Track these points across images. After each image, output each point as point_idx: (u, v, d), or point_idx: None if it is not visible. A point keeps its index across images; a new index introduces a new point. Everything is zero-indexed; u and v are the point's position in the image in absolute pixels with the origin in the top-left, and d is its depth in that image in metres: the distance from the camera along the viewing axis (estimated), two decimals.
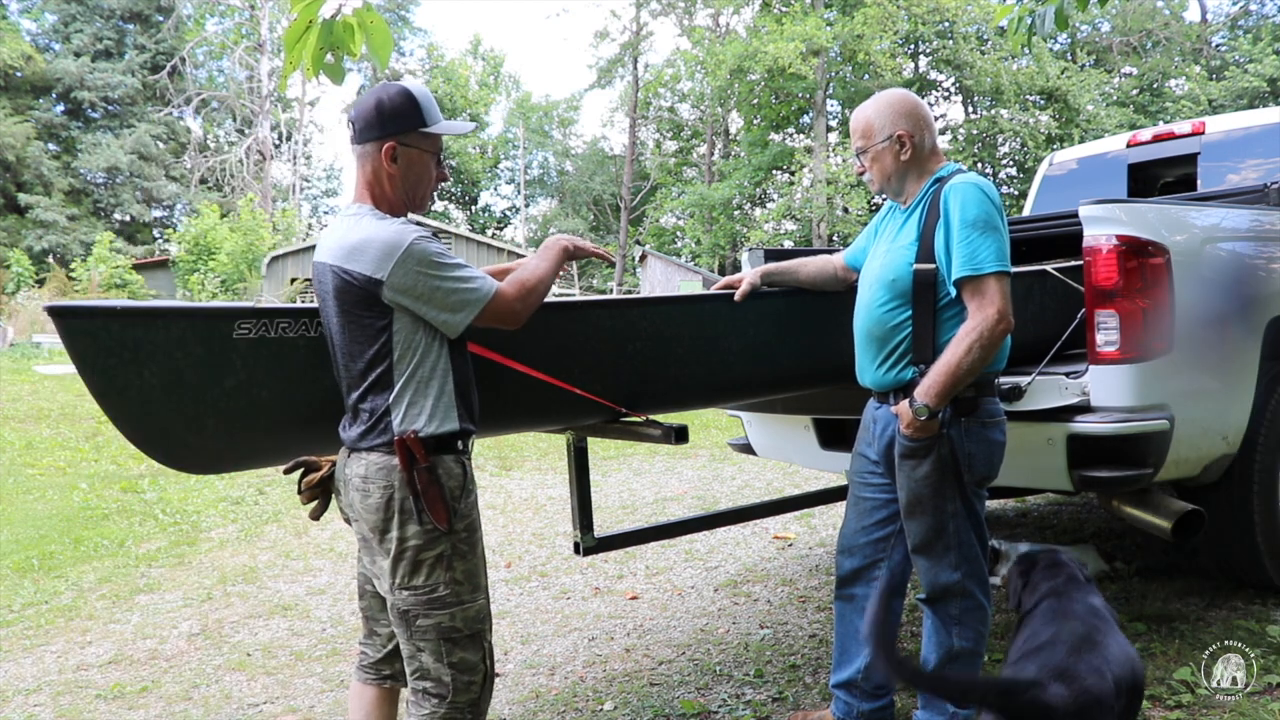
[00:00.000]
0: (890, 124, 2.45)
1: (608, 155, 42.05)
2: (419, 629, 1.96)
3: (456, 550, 1.97)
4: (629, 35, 33.98)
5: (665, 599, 4.23)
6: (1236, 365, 3.30)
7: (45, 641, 3.95)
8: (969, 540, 2.39)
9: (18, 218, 33.77)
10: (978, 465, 2.36)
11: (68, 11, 36.56)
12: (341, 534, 5.72)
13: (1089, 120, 26.17)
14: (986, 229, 2.27)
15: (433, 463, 1.92)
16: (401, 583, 1.94)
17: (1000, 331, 2.26)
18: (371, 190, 2.01)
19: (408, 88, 2.01)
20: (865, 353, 2.50)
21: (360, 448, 1.95)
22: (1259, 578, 3.51)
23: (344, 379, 1.99)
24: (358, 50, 2.54)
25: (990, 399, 2.39)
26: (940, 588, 2.42)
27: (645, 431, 2.70)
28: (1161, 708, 2.80)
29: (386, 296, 1.88)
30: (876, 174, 2.50)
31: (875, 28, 25.12)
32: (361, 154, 2.00)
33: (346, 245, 1.91)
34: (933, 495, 2.36)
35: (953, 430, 2.33)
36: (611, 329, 2.55)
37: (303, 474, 2.13)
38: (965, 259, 2.26)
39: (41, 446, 8.19)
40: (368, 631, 2.24)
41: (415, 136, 2.00)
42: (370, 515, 1.94)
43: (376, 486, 1.92)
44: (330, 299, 1.95)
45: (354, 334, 1.93)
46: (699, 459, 7.74)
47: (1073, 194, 4.84)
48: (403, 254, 1.87)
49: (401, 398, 1.92)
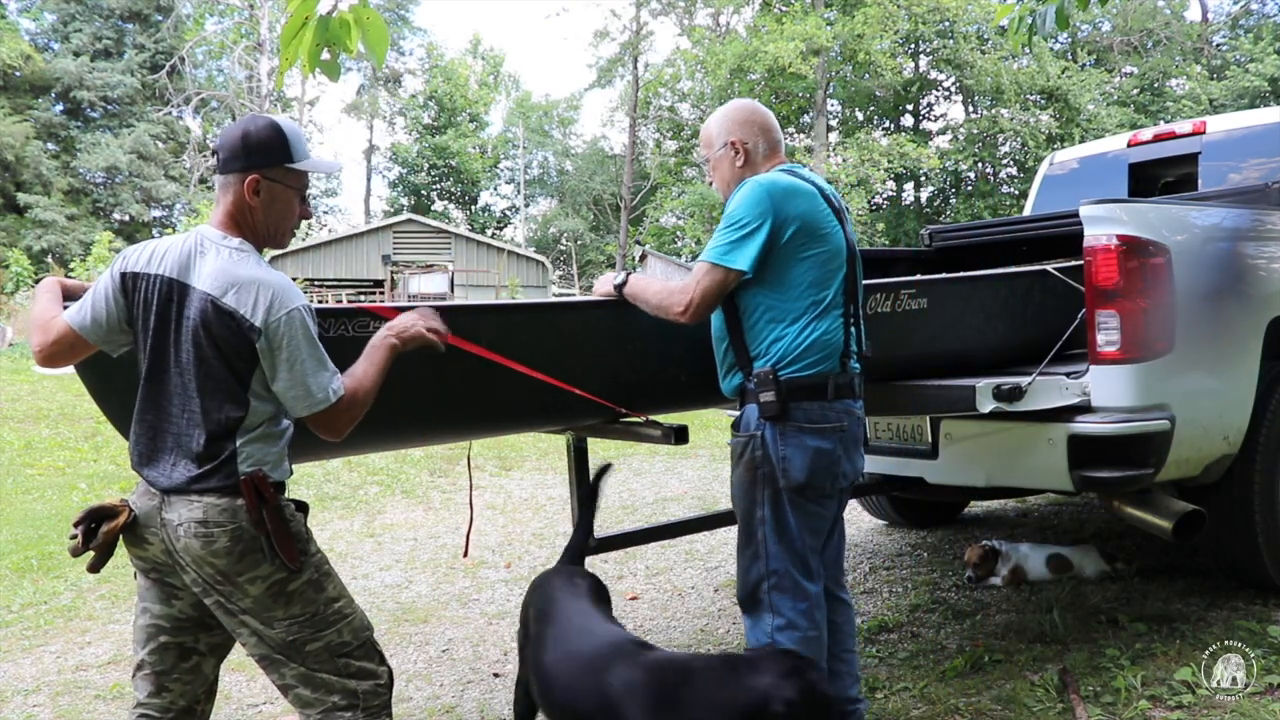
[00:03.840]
0: (725, 133, 2.48)
1: (608, 155, 42.00)
2: (312, 653, 1.93)
3: (320, 572, 1.95)
4: (629, 35, 33.95)
5: (665, 599, 4.22)
6: (1237, 365, 3.29)
7: (44, 642, 3.94)
8: (777, 552, 2.29)
9: (17, 217, 33.74)
10: (794, 472, 2.26)
11: (67, 11, 36.53)
12: (341, 534, 5.72)
13: (1090, 120, 26.14)
14: (728, 225, 2.30)
15: (279, 503, 1.88)
16: (279, 615, 1.89)
17: (675, 314, 2.31)
18: (235, 221, 1.94)
19: (277, 121, 1.97)
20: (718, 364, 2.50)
21: (193, 490, 1.83)
22: (1260, 578, 3.51)
23: (183, 416, 1.86)
24: (354, 47, 2.53)
25: (809, 404, 2.27)
26: (746, 595, 2.37)
27: (645, 432, 2.69)
28: (1162, 708, 2.80)
29: (260, 345, 1.83)
30: (718, 181, 2.52)
31: (875, 27, 25.08)
32: (224, 184, 1.94)
33: (229, 279, 1.84)
34: (743, 499, 2.35)
35: (766, 433, 2.28)
36: (611, 329, 2.54)
37: (91, 526, 1.88)
38: (706, 248, 2.33)
39: (41, 447, 8.17)
40: (155, 689, 1.99)
41: (280, 171, 1.95)
42: (218, 560, 1.83)
43: (222, 530, 1.83)
44: (187, 327, 1.85)
45: (213, 371, 1.84)
46: (699, 459, 7.74)
47: (1073, 194, 4.83)
48: (289, 313, 1.84)
49: (250, 443, 1.86)
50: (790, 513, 2.29)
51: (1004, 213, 26.05)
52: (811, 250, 2.29)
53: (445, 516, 6.17)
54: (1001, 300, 3.28)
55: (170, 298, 1.87)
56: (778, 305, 2.29)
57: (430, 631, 3.94)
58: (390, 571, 4.88)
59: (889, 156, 25.13)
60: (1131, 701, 2.83)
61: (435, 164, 43.26)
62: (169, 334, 1.87)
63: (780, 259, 2.28)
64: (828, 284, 2.31)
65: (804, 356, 2.28)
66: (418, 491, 6.89)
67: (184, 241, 1.93)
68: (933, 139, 29.14)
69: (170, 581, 1.95)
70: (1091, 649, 3.25)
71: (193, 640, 1.99)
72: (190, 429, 1.86)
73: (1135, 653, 3.17)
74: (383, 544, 5.47)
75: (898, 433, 3.57)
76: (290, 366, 1.84)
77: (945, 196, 31.50)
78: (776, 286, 2.29)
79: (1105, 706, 2.82)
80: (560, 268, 39.26)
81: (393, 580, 4.72)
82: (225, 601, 1.88)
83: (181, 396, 1.87)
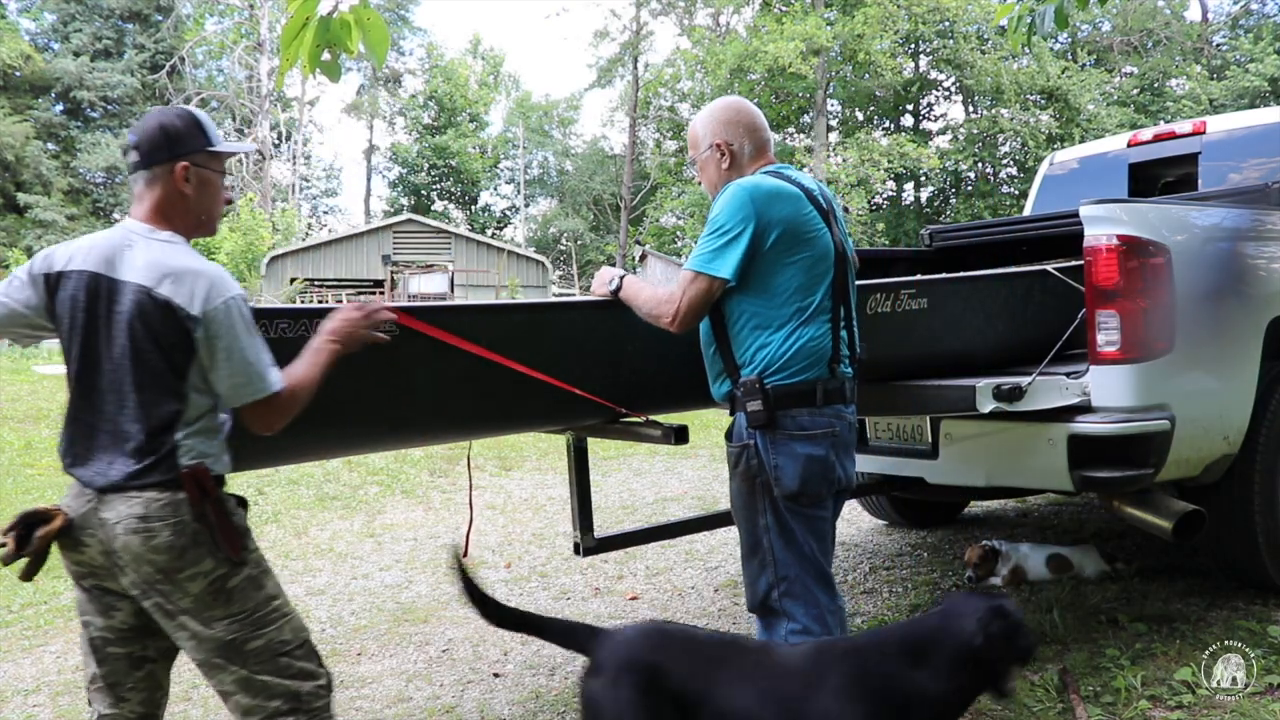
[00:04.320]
0: (710, 134, 2.45)
1: (608, 155, 42.01)
2: (253, 652, 1.90)
3: (259, 569, 1.94)
4: (629, 35, 33.97)
5: (665, 599, 4.22)
6: (1237, 365, 3.29)
7: (44, 642, 3.94)
8: (785, 558, 2.28)
9: (17, 217, 33.73)
10: (785, 479, 2.24)
11: (67, 11, 36.54)
12: (341, 534, 5.72)
13: (1090, 120, 26.13)
14: (711, 231, 2.28)
15: (221, 495, 1.88)
16: (218, 614, 1.87)
17: (664, 324, 2.32)
18: (163, 213, 1.91)
19: (188, 109, 1.97)
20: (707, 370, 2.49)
21: (132, 486, 1.80)
22: (1260, 578, 3.51)
23: (120, 412, 1.83)
24: (355, 48, 2.53)
25: (798, 411, 2.25)
26: (759, 602, 2.35)
27: (645, 432, 2.69)
28: (1162, 708, 2.80)
29: (198, 335, 1.81)
30: (706, 183, 2.51)
31: (875, 27, 25.07)
32: (150, 179, 1.91)
33: (164, 269, 1.81)
34: (744, 507, 2.33)
35: (758, 442, 2.27)
36: (611, 329, 2.54)
37: (23, 531, 1.83)
38: (691, 254, 2.32)
39: (41, 447, 8.17)
40: (113, 700, 1.97)
41: (204, 156, 1.95)
42: (159, 556, 1.80)
43: (164, 524, 1.80)
44: (120, 321, 1.82)
45: (149, 365, 1.81)
46: (699, 459, 7.74)
47: (1073, 194, 4.82)
48: (226, 302, 1.82)
49: (190, 436, 1.84)
50: (791, 519, 2.27)
51: (1004, 213, 26.05)
52: (796, 254, 2.26)
53: (445, 516, 6.17)
54: (1002, 300, 3.28)
55: (98, 294, 1.84)
56: (762, 312, 2.27)
57: (430, 631, 3.94)
58: (390, 571, 4.88)
59: (889, 156, 25.12)
60: (1131, 701, 2.83)
61: (435, 164, 43.26)
62: (99, 331, 1.85)
63: (764, 264, 2.25)
64: (814, 288, 2.28)
65: (790, 364, 2.25)
66: (418, 491, 6.89)
67: (108, 237, 1.92)
68: (933, 139, 29.14)
69: (108, 588, 1.90)
70: (1091, 649, 3.25)
71: (141, 649, 1.97)
72: (128, 425, 1.82)
73: (1135, 653, 3.17)
74: (383, 544, 5.47)
75: (898, 433, 3.57)
76: (229, 355, 1.82)
77: (945, 196, 31.50)
78: (761, 293, 2.26)
79: (1105, 706, 2.82)
80: (560, 268, 39.24)
81: (393, 580, 4.73)
82: (164, 602, 1.85)
83: (117, 393, 1.83)
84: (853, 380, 2.38)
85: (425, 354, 2.26)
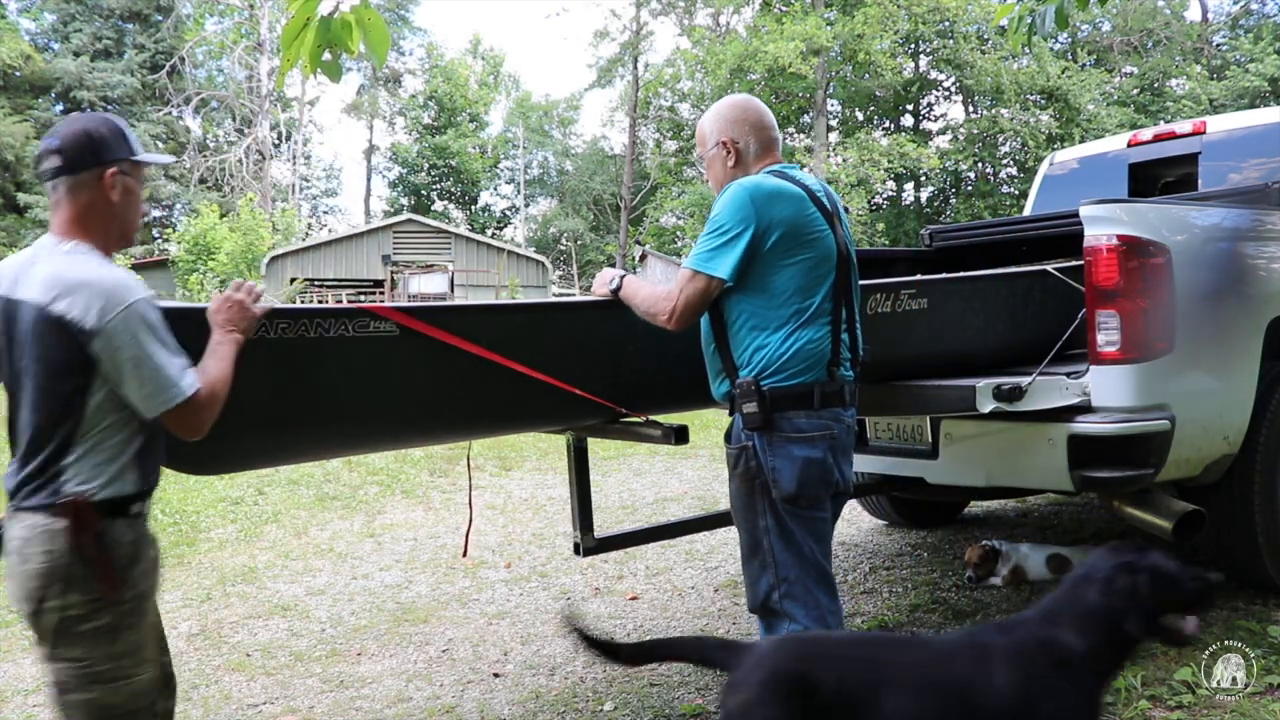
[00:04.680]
0: (716, 131, 2.45)
1: (608, 155, 42.00)
2: (71, 703, 1.81)
3: (121, 622, 1.81)
4: (629, 35, 33.98)
5: (665, 599, 4.22)
6: (1237, 365, 3.29)
7: None
8: (786, 559, 2.27)
9: (17, 217, 33.74)
10: (783, 481, 2.23)
11: (67, 11, 36.54)
12: (341, 534, 5.72)
13: (1089, 120, 26.13)
14: (711, 230, 2.28)
15: (102, 528, 1.77)
16: (60, 654, 1.80)
17: (662, 321, 2.32)
18: (83, 223, 1.85)
19: (109, 117, 1.93)
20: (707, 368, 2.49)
21: (24, 506, 1.78)
22: (1260, 578, 3.51)
23: (26, 433, 1.81)
24: (355, 48, 2.53)
25: (795, 413, 2.24)
26: (760, 603, 2.34)
27: (645, 432, 2.69)
28: (1162, 708, 2.80)
29: (95, 349, 1.73)
30: (712, 180, 2.51)
31: (875, 27, 25.07)
32: (74, 185, 1.84)
33: (59, 283, 1.75)
34: (743, 509, 2.33)
35: (756, 443, 2.26)
36: (611, 329, 2.54)
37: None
38: (690, 253, 2.32)
39: None
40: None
41: (129, 165, 1.90)
42: (29, 582, 1.76)
43: (36, 552, 1.75)
44: (24, 343, 1.78)
45: (45, 382, 1.76)
46: (699, 459, 7.74)
47: (1073, 194, 4.82)
48: (125, 311, 1.73)
49: (82, 459, 1.77)
50: (790, 520, 2.27)
51: (1004, 213, 26.04)
52: (796, 256, 2.25)
53: (445, 516, 6.17)
54: (1002, 300, 3.28)
55: (9, 316, 1.82)
56: (760, 313, 2.26)
57: (430, 631, 3.94)
58: (390, 571, 4.88)
59: (889, 156, 25.12)
60: (1131, 701, 2.83)
61: (435, 164, 43.26)
62: (12, 353, 1.82)
63: (763, 265, 2.24)
64: (814, 290, 2.27)
65: (787, 366, 2.24)
66: (418, 491, 6.89)
67: (20, 256, 1.88)
68: (933, 139, 29.14)
69: None
70: None
71: None
72: (31, 446, 1.80)
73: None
74: (383, 544, 5.48)
75: (898, 433, 3.57)
76: (137, 365, 1.75)
77: (945, 196, 31.49)
78: (760, 293, 2.26)
79: (1105, 707, 2.82)
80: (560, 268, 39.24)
81: (393, 580, 4.73)
82: (27, 621, 1.84)
83: (27, 413, 1.81)
84: (853, 383, 2.37)
85: (426, 355, 2.26)
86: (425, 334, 2.22)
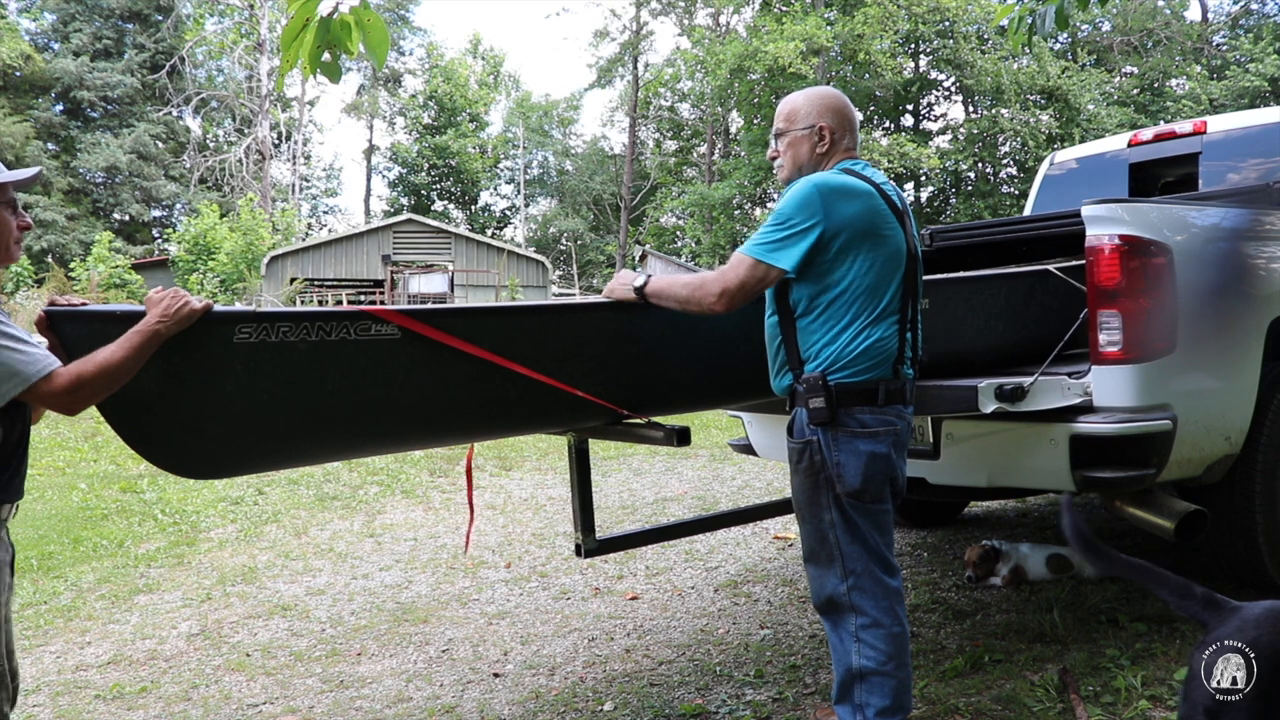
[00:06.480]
0: (816, 115, 2.42)
1: (608, 155, 42.03)
2: None
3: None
4: (629, 35, 34.01)
5: (665, 599, 4.22)
6: (1239, 365, 3.29)
7: (44, 642, 3.94)
8: (853, 552, 2.29)
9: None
10: (848, 476, 2.25)
11: (67, 11, 36.53)
12: (341, 534, 5.72)
13: (1090, 120, 26.16)
14: (775, 221, 2.27)
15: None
16: None
17: (709, 303, 2.29)
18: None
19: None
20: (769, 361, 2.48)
21: None
22: (1261, 578, 3.50)
23: None
24: (355, 48, 2.53)
25: (860, 409, 2.26)
26: (826, 599, 2.35)
27: (647, 433, 2.69)
28: (1162, 708, 2.79)
29: None
30: (789, 161, 2.46)
31: (875, 27, 25.10)
32: None
33: None
34: (809, 504, 2.33)
35: (820, 438, 2.27)
36: (613, 330, 2.54)
37: None
38: (749, 241, 2.30)
39: (40, 447, 8.17)
40: None
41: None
42: None
43: None
44: None
45: None
46: (699, 459, 7.74)
47: (1074, 194, 4.82)
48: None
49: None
50: (854, 514, 2.29)
51: (1004, 213, 26.05)
52: (867, 253, 2.25)
53: (445, 516, 6.17)
54: (1003, 300, 3.28)
55: None
56: (831, 309, 2.26)
57: (430, 631, 3.94)
58: (390, 571, 4.88)
59: (889, 156, 25.14)
60: (1131, 701, 2.83)
61: (435, 164, 43.27)
62: None
63: (833, 262, 2.24)
64: (884, 288, 2.27)
65: (856, 363, 2.25)
66: (418, 491, 6.89)
67: None
68: (933, 139, 29.14)
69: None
70: (1091, 649, 3.24)
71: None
72: None
73: (1135, 653, 3.17)
74: (383, 544, 5.47)
75: None
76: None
77: (945, 196, 31.50)
78: (829, 289, 2.26)
79: (1105, 706, 2.82)
80: (560, 268, 39.24)
81: (393, 580, 4.72)
82: None
83: None
84: (913, 381, 2.39)
85: (428, 357, 2.25)
86: (427, 337, 2.22)
